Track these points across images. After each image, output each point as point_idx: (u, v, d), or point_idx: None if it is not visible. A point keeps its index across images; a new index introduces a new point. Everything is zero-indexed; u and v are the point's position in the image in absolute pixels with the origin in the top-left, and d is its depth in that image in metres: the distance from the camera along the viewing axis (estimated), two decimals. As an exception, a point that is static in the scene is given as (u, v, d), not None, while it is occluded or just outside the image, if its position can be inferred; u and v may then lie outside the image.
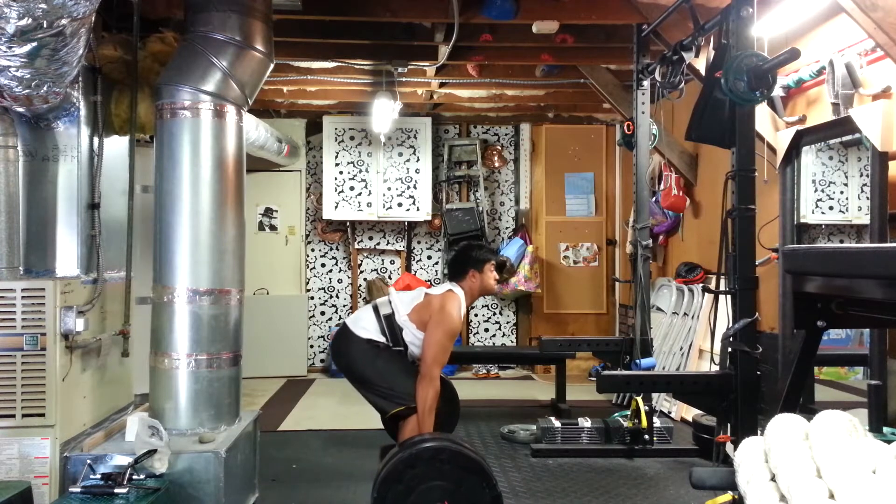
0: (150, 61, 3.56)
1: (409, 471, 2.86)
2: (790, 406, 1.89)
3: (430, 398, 3.53)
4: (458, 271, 3.92)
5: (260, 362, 6.67)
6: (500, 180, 7.85)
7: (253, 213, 7.38)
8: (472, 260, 3.91)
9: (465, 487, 2.85)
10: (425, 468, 2.87)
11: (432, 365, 3.60)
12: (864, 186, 3.94)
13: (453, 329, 3.70)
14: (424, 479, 2.84)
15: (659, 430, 4.55)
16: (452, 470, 2.87)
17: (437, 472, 2.86)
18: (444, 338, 3.65)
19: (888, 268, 1.55)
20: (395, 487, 2.84)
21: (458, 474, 2.86)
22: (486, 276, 3.90)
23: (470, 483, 2.86)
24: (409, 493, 2.83)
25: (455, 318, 3.70)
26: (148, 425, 2.94)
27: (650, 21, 4.34)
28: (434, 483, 2.84)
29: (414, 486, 2.83)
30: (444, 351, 3.68)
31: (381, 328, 3.73)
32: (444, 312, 3.68)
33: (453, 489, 2.84)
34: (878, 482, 1.36)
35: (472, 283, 3.88)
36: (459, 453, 2.93)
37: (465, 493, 2.84)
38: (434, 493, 2.82)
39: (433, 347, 3.62)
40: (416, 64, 5.48)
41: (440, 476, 2.86)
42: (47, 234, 3.24)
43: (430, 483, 2.84)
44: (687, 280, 5.74)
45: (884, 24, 2.84)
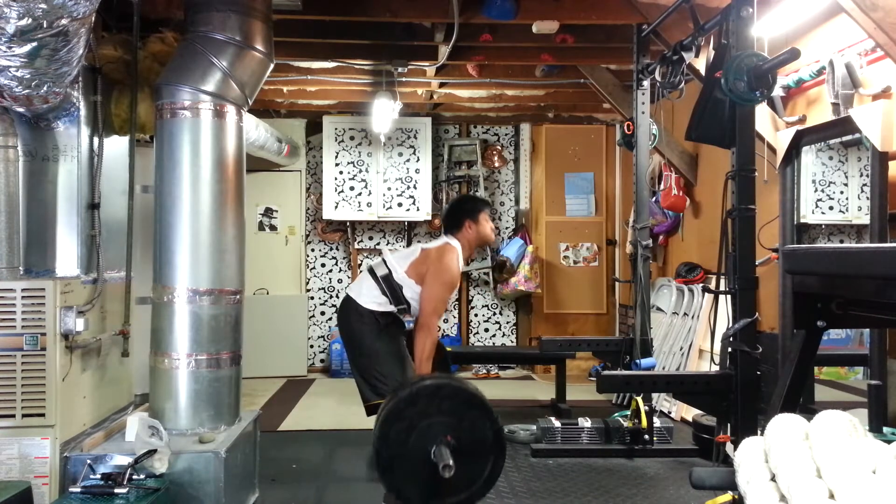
0: (150, 61, 3.56)
1: (411, 408, 2.83)
2: (790, 406, 1.89)
3: (427, 348, 3.57)
4: (453, 223, 3.89)
5: (260, 362, 6.67)
6: (500, 180, 7.85)
7: (253, 213, 7.38)
8: (467, 210, 3.89)
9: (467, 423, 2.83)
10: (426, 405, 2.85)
11: (431, 315, 3.62)
12: (864, 186, 3.94)
13: (451, 280, 3.69)
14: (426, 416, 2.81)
15: (659, 430, 4.55)
16: (453, 406, 2.85)
17: (438, 409, 2.84)
18: (442, 289, 3.65)
19: (888, 268, 1.55)
20: (396, 426, 2.83)
21: (459, 410, 2.85)
22: (482, 224, 3.88)
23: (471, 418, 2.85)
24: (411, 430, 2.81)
25: (453, 269, 3.69)
26: (148, 425, 2.94)
27: (650, 21, 4.34)
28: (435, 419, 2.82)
29: (415, 423, 2.80)
30: (443, 302, 3.70)
31: (381, 289, 3.72)
32: (441, 264, 3.68)
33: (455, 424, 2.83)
34: (878, 482, 1.36)
35: (468, 233, 3.86)
36: (460, 389, 2.93)
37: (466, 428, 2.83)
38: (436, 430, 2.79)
39: (432, 299, 3.63)
40: (416, 64, 5.48)
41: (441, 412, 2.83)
42: (47, 234, 3.25)
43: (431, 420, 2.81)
44: (687, 280, 5.74)
45: (884, 24, 2.83)
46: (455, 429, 2.80)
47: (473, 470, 2.83)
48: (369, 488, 3.92)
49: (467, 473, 2.80)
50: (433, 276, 3.67)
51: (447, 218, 3.99)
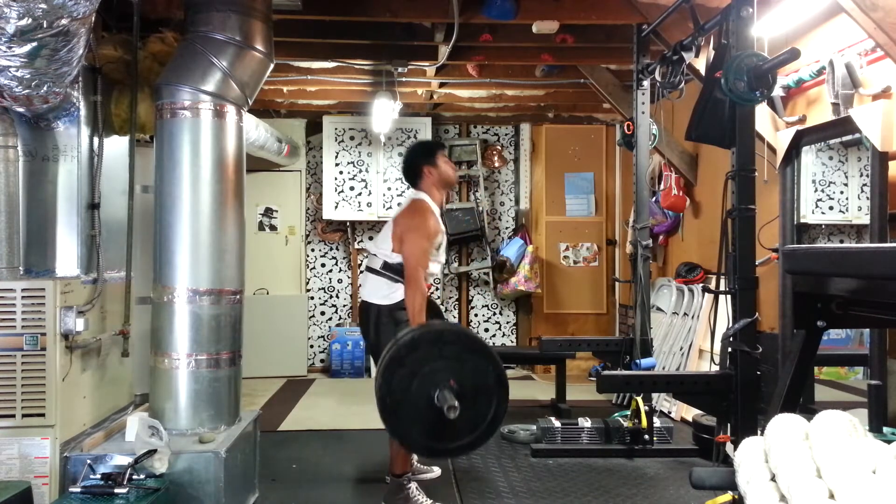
0: (150, 61, 3.56)
1: (413, 354, 2.83)
2: (790, 406, 1.89)
3: (417, 301, 3.49)
4: (413, 175, 3.81)
5: (260, 362, 6.67)
6: (500, 180, 7.85)
7: (253, 213, 7.38)
8: (421, 156, 3.81)
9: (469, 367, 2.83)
10: (428, 351, 2.85)
11: (415, 268, 3.54)
12: (864, 186, 3.94)
13: (426, 229, 3.61)
14: (428, 361, 2.81)
15: (659, 430, 4.56)
16: (455, 351, 2.85)
17: (440, 354, 2.84)
18: (418, 240, 3.58)
19: (888, 268, 1.55)
20: (399, 371, 2.81)
21: (461, 355, 2.85)
22: (441, 167, 3.78)
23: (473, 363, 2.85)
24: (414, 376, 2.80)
25: (426, 218, 3.62)
26: (148, 425, 2.94)
27: (650, 21, 4.34)
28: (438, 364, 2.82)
29: (418, 369, 2.80)
30: (424, 253, 3.60)
31: (388, 279, 3.65)
32: (412, 217, 3.63)
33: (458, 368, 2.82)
34: (878, 482, 1.36)
35: (430, 179, 3.77)
36: (461, 334, 2.93)
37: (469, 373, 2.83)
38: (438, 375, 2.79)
39: (412, 253, 3.56)
40: (416, 64, 5.48)
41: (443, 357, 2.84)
42: (47, 234, 3.25)
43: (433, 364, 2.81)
44: (687, 280, 5.74)
45: (884, 24, 2.83)
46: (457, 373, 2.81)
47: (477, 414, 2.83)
48: (369, 488, 3.92)
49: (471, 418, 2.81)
50: (406, 230, 3.59)
51: (406, 173, 3.88)
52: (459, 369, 2.81)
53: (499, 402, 2.87)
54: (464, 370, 2.82)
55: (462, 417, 2.69)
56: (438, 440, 2.88)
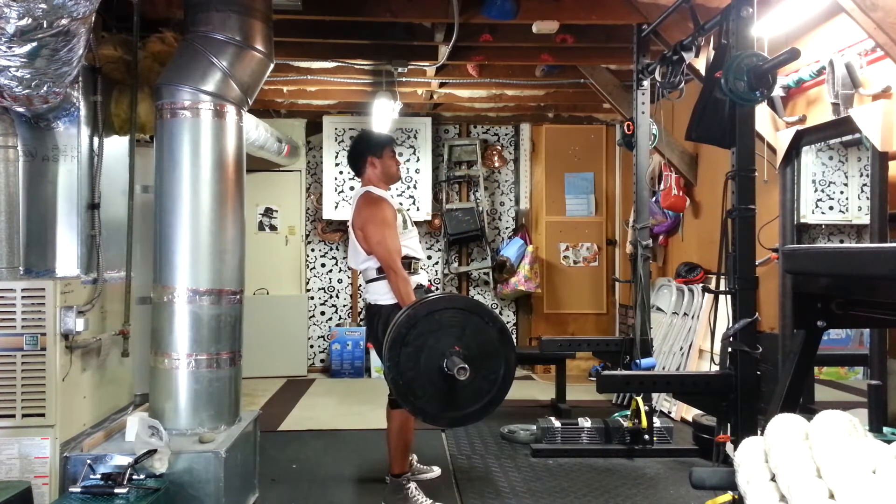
0: (150, 61, 3.56)
1: (412, 331, 2.86)
2: (790, 406, 1.89)
3: (401, 286, 3.43)
4: (357, 164, 3.75)
5: (260, 362, 6.67)
6: (500, 180, 7.85)
7: (253, 213, 7.38)
8: (368, 146, 3.74)
9: (470, 329, 2.87)
10: (426, 324, 2.88)
11: (388, 258, 3.47)
12: (864, 186, 3.94)
13: (381, 216, 3.53)
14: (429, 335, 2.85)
15: (659, 430, 4.56)
16: (452, 316, 2.89)
17: (439, 324, 2.87)
18: (380, 228, 3.51)
19: (888, 268, 1.55)
20: (403, 351, 2.85)
21: (459, 319, 2.88)
22: (386, 162, 3.71)
23: (473, 323, 2.88)
24: (420, 351, 2.84)
25: (375, 207, 3.55)
26: (148, 425, 2.94)
27: (650, 21, 4.34)
28: (439, 334, 2.85)
29: (421, 344, 2.84)
30: (390, 238, 3.51)
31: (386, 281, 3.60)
32: (362, 214, 3.57)
33: (459, 334, 2.85)
34: (878, 482, 1.36)
35: (373, 171, 3.70)
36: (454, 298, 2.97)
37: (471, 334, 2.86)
38: (442, 344, 2.83)
39: (380, 244, 3.49)
40: (416, 64, 5.48)
41: (442, 326, 2.87)
42: (47, 234, 3.25)
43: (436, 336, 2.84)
44: (687, 280, 5.74)
45: (884, 24, 2.83)
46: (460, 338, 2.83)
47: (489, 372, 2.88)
48: (369, 488, 3.93)
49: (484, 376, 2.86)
50: (364, 225, 3.54)
51: (350, 158, 3.82)
52: (460, 334, 2.84)
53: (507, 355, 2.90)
54: (465, 333, 2.85)
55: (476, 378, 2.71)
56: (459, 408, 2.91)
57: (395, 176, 3.81)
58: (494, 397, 2.94)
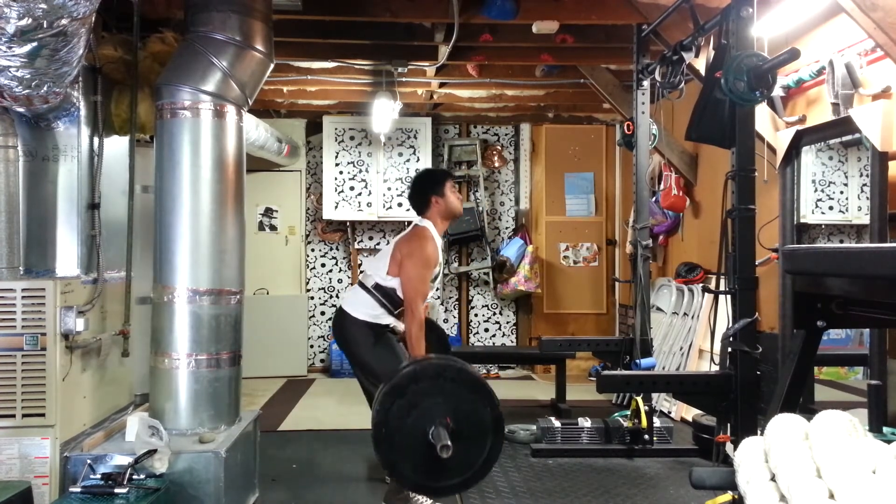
0: (150, 61, 3.56)
1: (413, 385, 2.85)
2: (790, 406, 1.89)
3: (414, 331, 3.51)
4: (420, 204, 3.82)
5: (260, 362, 6.67)
6: (500, 180, 7.85)
7: (253, 213, 7.38)
8: (430, 185, 3.80)
9: (467, 405, 2.85)
10: (429, 384, 2.86)
11: (414, 298, 3.55)
12: (864, 186, 3.94)
13: (425, 258, 3.62)
14: (427, 395, 2.83)
15: (659, 430, 4.55)
16: (455, 388, 2.86)
17: (440, 389, 2.85)
18: (418, 268, 3.59)
19: (888, 268, 1.55)
20: (398, 401, 2.83)
21: (460, 392, 2.86)
22: (449, 197, 3.77)
23: (472, 402, 2.86)
24: (412, 407, 2.82)
25: (425, 247, 3.63)
26: (148, 425, 2.94)
27: (650, 21, 4.34)
28: (437, 399, 2.83)
29: (417, 401, 2.82)
30: (422, 281, 3.61)
31: (376, 300, 3.66)
32: (412, 245, 3.64)
33: (455, 406, 2.83)
34: (878, 482, 1.36)
35: (437, 208, 3.77)
36: (463, 371, 2.93)
37: (467, 410, 2.84)
38: (436, 410, 2.81)
39: (411, 282, 3.57)
40: (416, 64, 5.48)
41: (443, 393, 2.85)
42: (47, 234, 3.25)
43: (433, 399, 2.83)
44: (687, 280, 5.74)
45: (884, 24, 2.83)
46: (455, 410, 2.81)
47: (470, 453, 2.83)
48: (369, 488, 3.93)
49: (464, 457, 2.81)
50: (407, 257, 3.60)
51: (413, 200, 3.89)
52: (457, 407, 2.81)
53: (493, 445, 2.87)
54: (461, 408, 2.82)
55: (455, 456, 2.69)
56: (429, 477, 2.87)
57: (458, 210, 3.87)
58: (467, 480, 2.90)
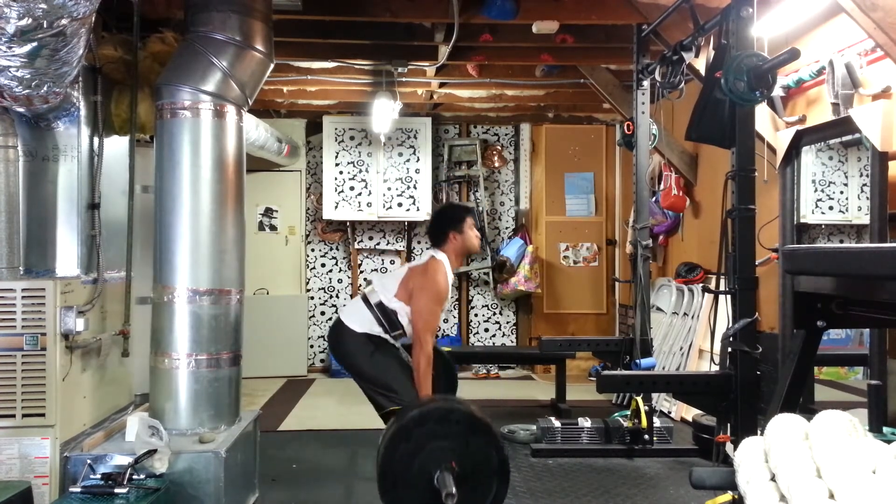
0: (150, 61, 3.56)
1: (419, 429, 2.84)
2: (790, 406, 1.89)
3: (422, 364, 3.54)
4: (437, 236, 3.86)
5: (260, 362, 6.67)
6: (500, 180, 7.85)
7: (253, 213, 7.38)
8: (449, 221, 3.86)
9: (473, 449, 2.84)
10: (434, 427, 2.85)
11: (423, 331, 3.59)
12: (864, 186, 3.94)
13: (439, 292, 3.66)
14: (433, 438, 2.82)
15: (659, 430, 4.55)
16: (461, 431, 2.85)
17: (446, 433, 2.85)
18: (430, 302, 3.62)
19: (888, 268, 1.55)
20: (403, 445, 2.83)
21: (466, 435, 2.85)
22: (467, 234, 3.83)
23: (477, 444, 2.85)
24: (418, 451, 2.81)
25: (439, 281, 3.67)
26: (148, 425, 2.94)
27: (650, 21, 4.34)
28: (442, 442, 2.82)
29: (422, 444, 2.81)
30: (433, 315, 3.66)
31: (375, 318, 3.69)
32: (426, 277, 3.67)
33: (461, 450, 2.83)
34: (878, 482, 1.36)
35: (454, 244, 3.81)
36: (469, 414, 2.93)
37: (472, 454, 2.83)
38: (442, 453, 2.80)
39: (422, 314, 3.61)
40: (416, 64, 5.48)
41: (448, 436, 2.84)
42: (47, 234, 3.25)
43: (438, 442, 2.82)
44: (687, 280, 5.74)
45: (884, 24, 2.83)
46: (460, 454, 2.80)
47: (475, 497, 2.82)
48: (369, 488, 3.92)
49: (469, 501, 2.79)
50: (419, 290, 3.64)
51: (431, 232, 3.95)
52: (463, 450, 2.81)
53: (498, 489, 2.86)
54: (467, 451, 2.81)
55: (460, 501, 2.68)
56: None
57: (474, 249, 3.97)
58: None
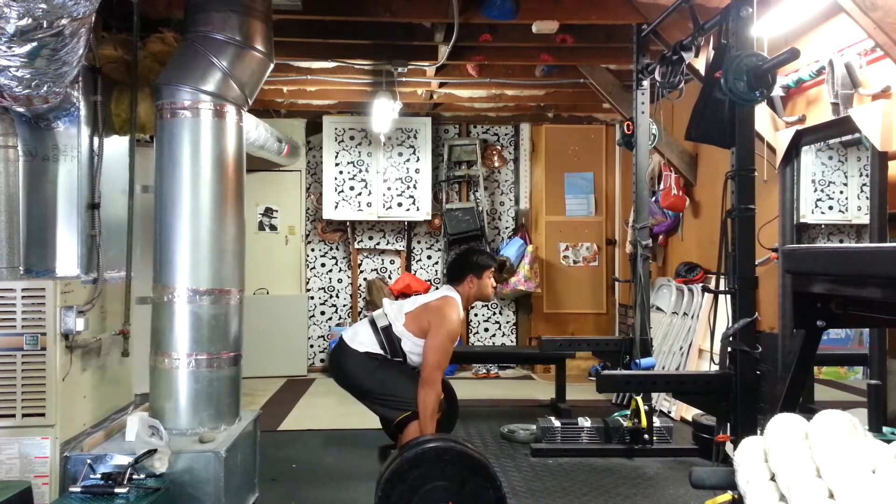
0: (150, 61, 3.56)
1: (414, 470, 2.86)
2: (790, 406, 1.89)
3: (431, 403, 3.58)
4: (456, 275, 3.94)
5: (260, 362, 6.67)
6: (500, 180, 7.85)
7: (253, 213, 7.38)
8: (473, 265, 3.93)
9: (470, 488, 2.85)
10: (430, 468, 2.87)
11: (434, 369, 3.64)
12: (863, 186, 3.94)
13: (453, 333, 3.73)
14: (429, 480, 2.84)
15: (659, 429, 4.56)
16: (457, 470, 2.87)
17: (442, 473, 2.86)
18: (445, 341, 3.68)
19: (888, 268, 1.55)
20: (399, 487, 2.84)
21: (462, 475, 2.86)
22: (485, 282, 3.93)
23: (474, 484, 2.86)
24: (414, 493, 2.83)
25: (455, 321, 3.73)
26: (148, 425, 2.94)
27: (650, 21, 4.34)
28: (438, 483, 2.84)
29: (418, 486, 2.83)
30: (446, 355, 3.72)
31: (379, 341, 3.75)
32: (443, 316, 3.71)
33: (458, 490, 2.84)
34: (878, 482, 1.36)
35: (469, 287, 3.90)
36: (464, 454, 2.93)
37: (469, 493, 2.84)
38: (438, 494, 2.82)
39: (436, 352, 3.65)
40: (416, 64, 5.48)
41: (444, 476, 2.86)
42: (47, 234, 3.25)
43: (434, 483, 2.83)
44: (687, 280, 5.74)
45: (883, 23, 2.84)
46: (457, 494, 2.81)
47: None
48: (369, 488, 3.91)
49: None
50: (436, 328, 3.68)
51: (452, 269, 4.02)
52: (459, 489, 2.82)
53: None
54: (464, 491, 2.82)
55: None
56: None
57: (489, 297, 4.04)
58: None
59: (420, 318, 3.74)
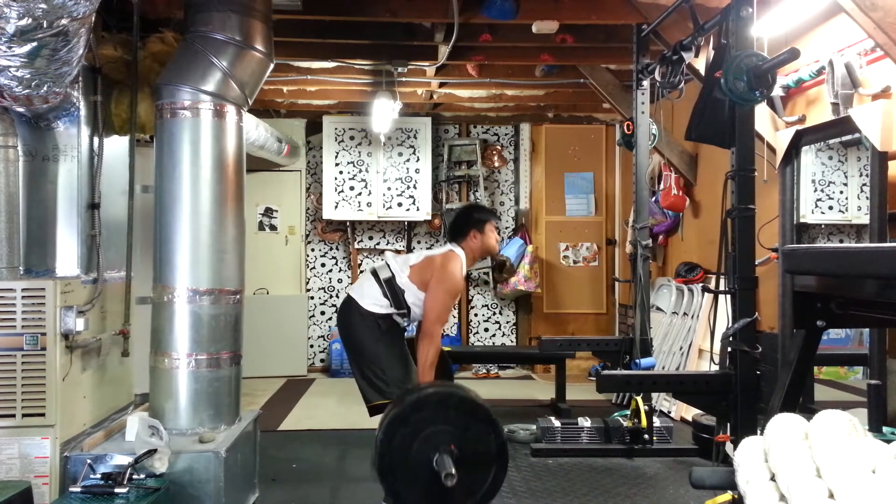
0: (150, 61, 3.56)
1: (417, 414, 2.84)
2: (790, 406, 1.89)
3: (430, 355, 3.62)
4: (458, 232, 3.93)
5: (260, 362, 6.67)
6: (500, 180, 7.85)
7: (253, 213, 7.38)
8: (473, 220, 3.93)
9: (471, 433, 2.84)
10: (433, 412, 2.86)
11: (434, 322, 3.67)
12: (863, 186, 3.94)
13: (455, 288, 3.75)
14: (431, 423, 2.82)
15: (659, 429, 4.55)
16: (459, 416, 2.86)
17: (444, 417, 2.85)
18: (445, 296, 3.70)
19: (888, 268, 1.55)
20: (401, 430, 2.83)
21: (464, 420, 2.85)
22: (488, 235, 3.91)
23: (476, 429, 2.85)
24: (416, 435, 2.81)
25: (457, 276, 3.74)
26: (148, 425, 2.94)
27: (650, 21, 4.34)
28: (441, 427, 2.82)
29: (421, 428, 2.81)
30: (446, 309, 3.75)
31: (383, 292, 3.75)
32: (445, 271, 3.72)
33: (460, 434, 2.83)
34: (878, 482, 1.36)
35: (472, 243, 3.89)
36: (467, 399, 2.94)
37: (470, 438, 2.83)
38: (440, 437, 2.80)
39: (436, 306, 3.69)
40: (416, 64, 5.48)
41: (447, 421, 2.84)
42: (47, 234, 3.25)
43: (436, 427, 2.81)
44: (687, 280, 5.74)
45: (883, 23, 2.83)
46: (459, 438, 2.81)
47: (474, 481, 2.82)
48: (370, 488, 3.92)
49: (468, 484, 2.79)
50: (437, 282, 3.70)
51: (453, 226, 4.02)
52: (462, 435, 2.81)
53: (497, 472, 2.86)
54: (466, 436, 2.81)
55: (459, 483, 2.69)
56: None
57: (494, 250, 4.05)
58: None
59: (424, 272, 3.75)
